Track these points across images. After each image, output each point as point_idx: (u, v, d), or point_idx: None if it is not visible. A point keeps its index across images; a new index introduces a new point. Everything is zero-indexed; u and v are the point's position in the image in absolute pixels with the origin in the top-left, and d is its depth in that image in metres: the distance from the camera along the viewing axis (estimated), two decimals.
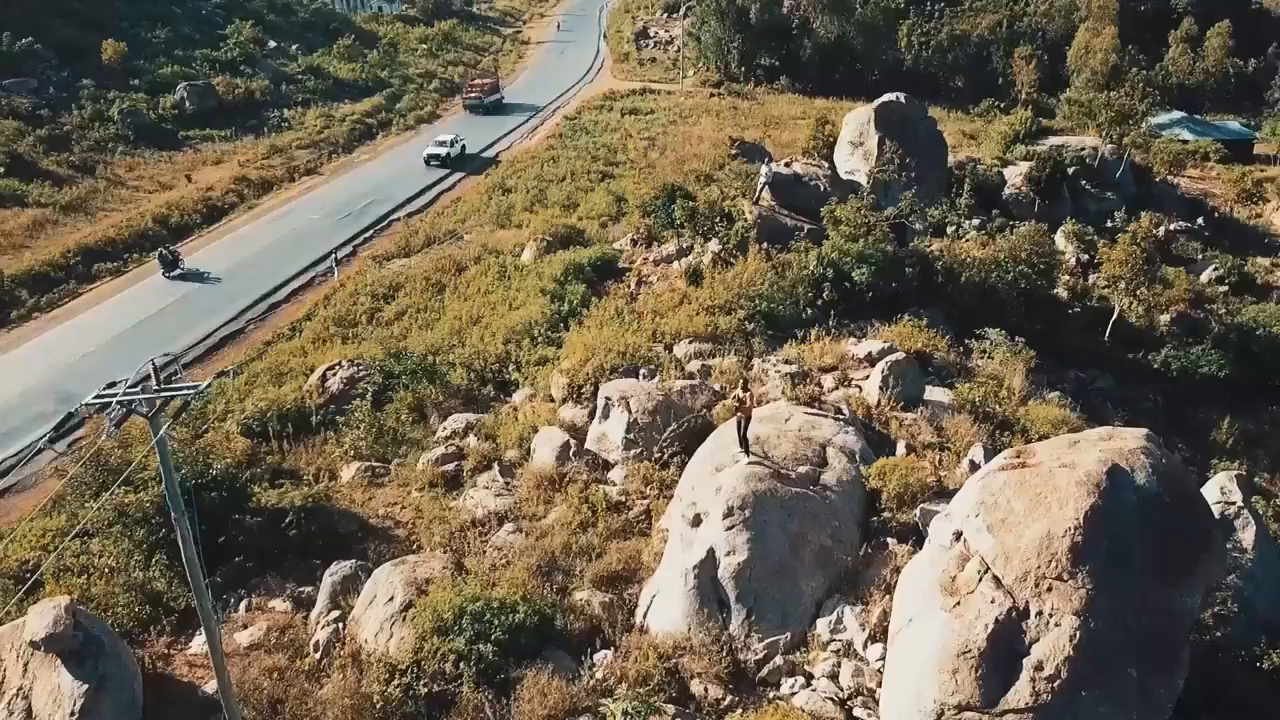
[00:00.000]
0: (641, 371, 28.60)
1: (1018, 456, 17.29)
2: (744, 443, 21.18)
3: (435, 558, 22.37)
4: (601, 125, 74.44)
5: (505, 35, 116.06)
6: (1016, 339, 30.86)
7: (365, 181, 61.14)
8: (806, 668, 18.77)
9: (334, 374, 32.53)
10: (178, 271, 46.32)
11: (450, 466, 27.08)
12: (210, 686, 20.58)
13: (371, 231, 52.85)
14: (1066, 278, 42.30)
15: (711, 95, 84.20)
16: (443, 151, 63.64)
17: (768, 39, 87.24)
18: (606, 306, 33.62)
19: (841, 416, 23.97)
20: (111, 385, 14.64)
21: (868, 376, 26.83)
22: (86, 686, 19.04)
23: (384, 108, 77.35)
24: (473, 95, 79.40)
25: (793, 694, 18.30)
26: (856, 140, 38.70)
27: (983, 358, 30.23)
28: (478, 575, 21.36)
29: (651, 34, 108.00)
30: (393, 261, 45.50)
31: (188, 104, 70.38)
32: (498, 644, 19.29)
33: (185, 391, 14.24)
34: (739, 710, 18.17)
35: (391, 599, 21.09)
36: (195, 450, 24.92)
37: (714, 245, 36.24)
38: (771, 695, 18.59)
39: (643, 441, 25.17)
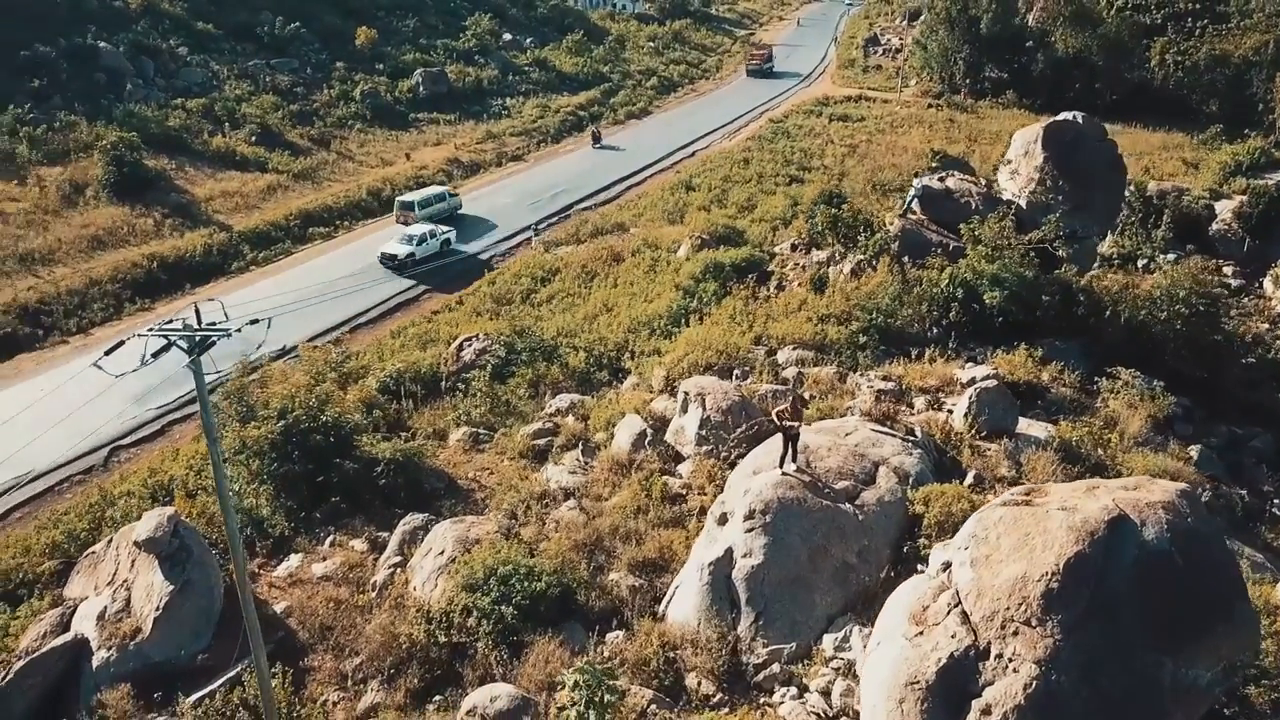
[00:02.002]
0: (735, 372, 28.86)
1: (1026, 494, 16.41)
2: (786, 454, 21.10)
3: (492, 520, 23.84)
4: (805, 130, 74.09)
5: (737, 36, 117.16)
6: (1155, 383, 28.51)
7: (562, 171, 64.16)
8: (803, 680, 18.61)
9: (469, 345, 34.87)
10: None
11: (543, 441, 28.54)
12: (280, 606, 23.08)
13: (557, 218, 55.46)
14: (1266, 325, 38.37)
15: (929, 106, 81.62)
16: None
17: (997, 50, 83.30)
18: (728, 306, 33.98)
19: (911, 438, 23.30)
20: (169, 322, 16.93)
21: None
22: (173, 587, 21.92)
23: (598, 101, 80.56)
24: (754, 62, 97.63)
25: (781, 703, 18.25)
26: (1021, 159, 36.75)
27: (1111, 397, 28.16)
28: (522, 542, 22.59)
29: (882, 41, 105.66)
30: (560, 248, 47.71)
31: (422, 89, 76.30)
32: (518, 608, 20.44)
33: (218, 332, 16.26)
34: (724, 709, 18.36)
35: (442, 553, 22.76)
36: (310, 395, 27.56)
37: (857, 255, 35.70)
38: (761, 701, 18.64)
39: (714, 439, 25.50)
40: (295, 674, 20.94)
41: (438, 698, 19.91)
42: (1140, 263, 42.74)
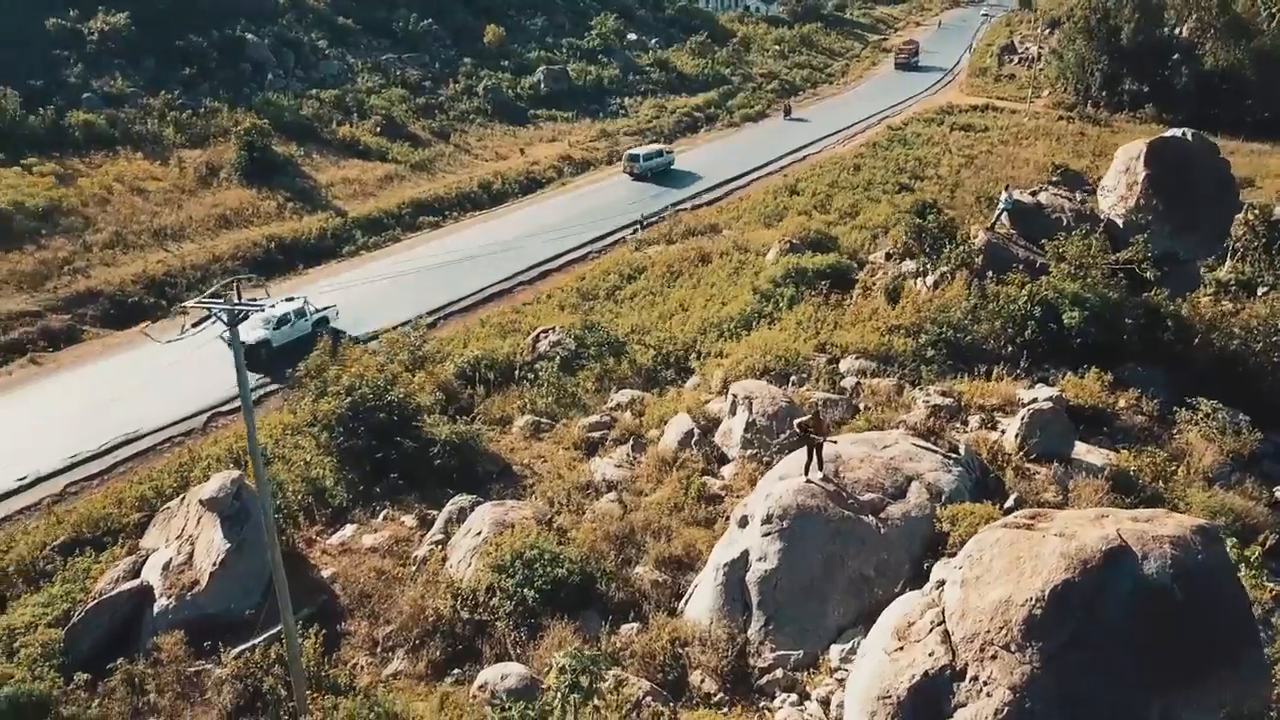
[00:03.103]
0: (791, 378, 28.75)
1: (1031, 517, 15.95)
2: (810, 462, 21.02)
3: (529, 506, 24.54)
4: (924, 138, 72.43)
5: (870, 41, 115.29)
6: (1241, 416, 26.97)
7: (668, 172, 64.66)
8: (806, 688, 18.60)
9: (545, 337, 35.79)
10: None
11: (597, 434, 29.12)
12: (327, 572, 24.39)
13: (655, 218, 55.98)
14: None
15: (1060, 118, 78.40)
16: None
17: (1138, 62, 79.35)
18: (799, 312, 33.79)
19: (953, 455, 22.81)
20: (213, 295, 18.19)
21: None
22: (230, 545, 23.47)
23: (715, 103, 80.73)
24: (902, 56, 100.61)
25: (779, 708, 18.28)
26: (1121, 175, 35.12)
27: (1188, 428, 26.79)
28: (555, 530, 23.21)
29: (1019, 49, 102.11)
30: (651, 247, 48.22)
31: (543, 86, 78.18)
32: (540, 591, 21.08)
33: (253, 306, 17.39)
34: (723, 709, 18.52)
35: (478, 533, 23.61)
36: (379, 374, 28.87)
37: (943, 266, 34.95)
38: (761, 704, 18.70)
39: (758, 443, 25.56)
40: (331, 636, 22.16)
41: (456, 671, 20.74)
42: (1260, 290, 40.26)
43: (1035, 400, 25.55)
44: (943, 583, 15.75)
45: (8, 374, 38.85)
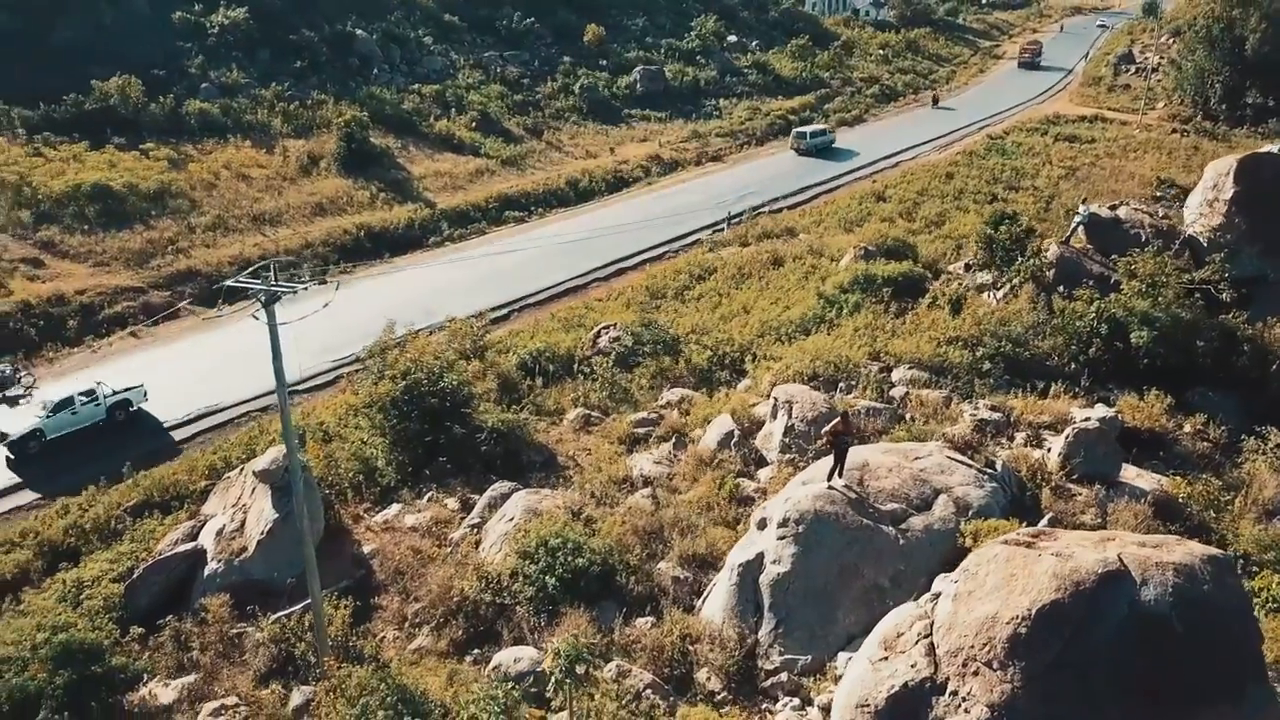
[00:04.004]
0: (839, 384, 28.50)
1: (1034, 535, 15.58)
2: (835, 468, 20.90)
3: (563, 495, 25.01)
4: (1024, 148, 70.37)
5: (981, 48, 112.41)
6: None
7: (756, 173, 64.55)
8: (809, 693, 18.53)
9: (605, 333, 36.27)
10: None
11: (643, 430, 29.42)
12: (368, 548, 25.34)
13: (739, 219, 55.92)
14: None
15: (1174, 131, 75.09)
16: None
17: (1264, 74, 75.33)
18: (858, 319, 33.40)
19: (989, 471, 22.32)
20: (254, 274, 19.17)
21: None
22: (277, 515, 24.59)
23: (811, 106, 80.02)
24: (1025, 55, 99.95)
25: (779, 711, 18.28)
26: (1209, 192, 33.52)
27: (1255, 457, 25.56)
28: (583, 520, 23.62)
29: (1136, 59, 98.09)
30: (726, 249, 48.23)
31: (639, 85, 78.83)
32: (560, 579, 21.50)
33: (288, 288, 18.25)
34: (724, 707, 18.61)
35: (511, 519, 24.21)
36: (435, 361, 29.75)
37: (1014, 279, 34.12)
38: (763, 706, 18.73)
39: (795, 447, 25.46)
40: (364, 609, 23.07)
41: (476, 651, 21.33)
42: None
43: (1088, 420, 24.78)
44: (938, 595, 15.56)
45: (108, 345, 41.41)
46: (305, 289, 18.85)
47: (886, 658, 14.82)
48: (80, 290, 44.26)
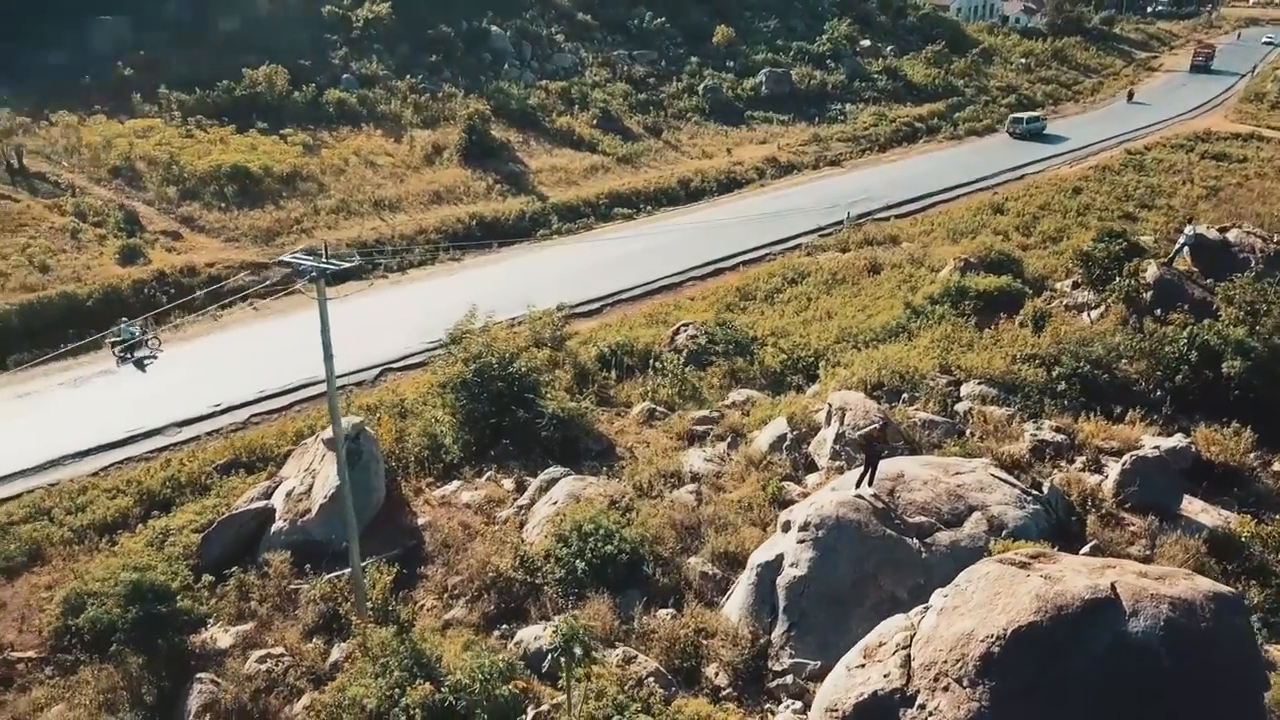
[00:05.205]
0: (903, 395, 28.00)
1: (1032, 556, 15.12)
2: (864, 476, 20.68)
3: (607, 484, 25.53)
4: (1164, 165, 66.80)
5: (1136, 60, 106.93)
6: None
7: (871, 180, 63.44)
8: (813, 698, 18.43)
9: (683, 331, 36.60)
10: None
11: (702, 428, 29.64)
12: (423, 520, 26.49)
13: (839, 227, 55.21)
14: None
15: None
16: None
17: None
18: (937, 331, 32.63)
19: (1033, 493, 21.63)
20: (308, 251, 20.38)
21: None
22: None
23: (940, 115, 77.98)
24: (1199, 60, 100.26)
25: (780, 713, 18.31)
26: None
27: None
28: (623, 510, 24.07)
29: None
30: (824, 254, 47.74)
31: (764, 88, 78.61)
32: (589, 564, 22.05)
33: (333, 265, 19.37)
34: (725, 703, 18.76)
35: (555, 503, 24.91)
36: (506, 346, 30.75)
37: (1109, 298, 32.75)
38: (766, 706, 18.78)
39: (845, 454, 25.21)
40: (410, 577, 24.17)
41: (504, 626, 22.09)
42: None
43: (1158, 448, 23.68)
44: (928, 608, 15.33)
45: (230, 316, 44.35)
46: (350, 264, 19.88)
47: (863, 665, 14.73)
48: (210, 263, 47.50)
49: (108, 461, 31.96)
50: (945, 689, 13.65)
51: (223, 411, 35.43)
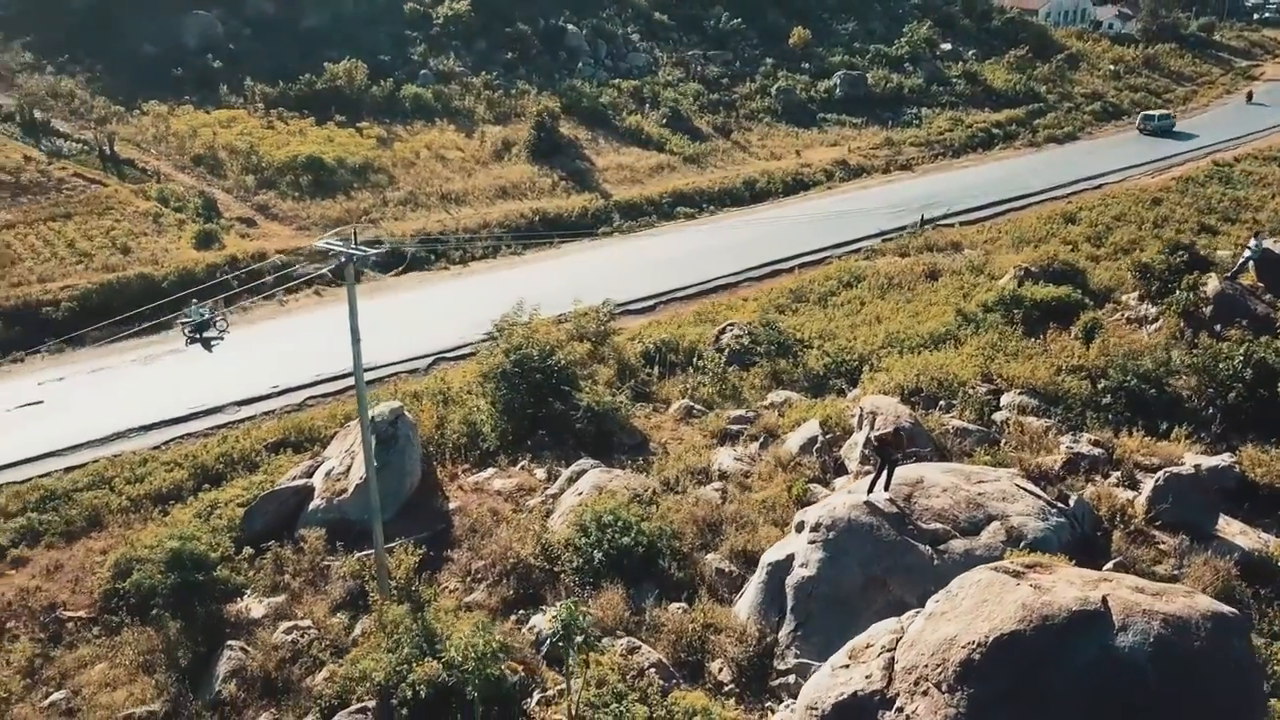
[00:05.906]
0: (940, 402, 27.58)
1: (1028, 566, 14.84)
2: (878, 479, 20.50)
3: (632, 477, 25.73)
4: (1255, 178, 64.11)
5: (1236, 68, 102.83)
6: None
7: (941, 185, 62.40)
8: None
9: (729, 330, 36.60)
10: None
11: (737, 427, 29.64)
12: (454, 504, 27.08)
13: (903, 232, 54.36)
14: None
15: None
16: None
17: None
18: (983, 338, 32.00)
19: (1059, 505, 21.13)
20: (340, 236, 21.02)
21: None
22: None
23: (1019, 121, 76.20)
24: None
25: (778, 712, 18.30)
26: None
27: None
28: (646, 503, 24.26)
29: None
30: (882, 258, 47.15)
31: (838, 90, 77.88)
32: (606, 555, 22.31)
33: (365, 251, 19.95)
34: (721, 696, 18.82)
35: (580, 493, 25.22)
36: (547, 339, 31.19)
37: (1167, 312, 31.74)
38: (766, 704, 18.79)
39: (872, 459, 24.92)
40: (437, 559, 24.74)
41: (521, 611, 22.48)
42: None
43: (1198, 466, 22.92)
44: (919, 612, 15.19)
45: (295, 301, 45.83)
46: (386, 250, 20.45)
47: (848, 665, 14.67)
48: (281, 250, 49.10)
49: (169, 436, 33.39)
50: (924, 693, 13.53)
51: (280, 393, 36.64)
